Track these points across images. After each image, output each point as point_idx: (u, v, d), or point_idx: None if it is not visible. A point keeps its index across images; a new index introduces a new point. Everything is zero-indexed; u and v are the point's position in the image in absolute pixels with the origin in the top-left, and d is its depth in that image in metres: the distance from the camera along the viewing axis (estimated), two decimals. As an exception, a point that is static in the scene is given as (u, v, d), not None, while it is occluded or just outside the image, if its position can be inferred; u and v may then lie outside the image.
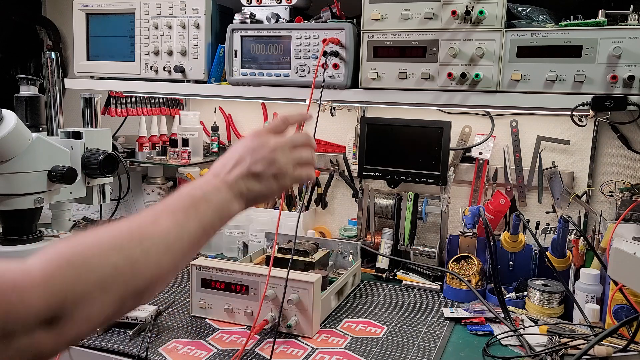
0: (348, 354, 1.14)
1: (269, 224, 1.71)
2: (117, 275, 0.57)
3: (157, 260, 0.62)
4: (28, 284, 0.51)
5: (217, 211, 0.72)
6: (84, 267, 0.55)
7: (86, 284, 0.55)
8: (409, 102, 1.33)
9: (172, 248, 0.65)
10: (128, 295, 0.59)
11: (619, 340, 1.15)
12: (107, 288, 0.56)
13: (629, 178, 1.52)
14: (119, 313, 0.60)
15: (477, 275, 1.45)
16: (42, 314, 0.51)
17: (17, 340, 0.50)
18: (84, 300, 0.54)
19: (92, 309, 0.55)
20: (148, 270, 0.61)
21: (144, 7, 1.58)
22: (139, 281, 0.60)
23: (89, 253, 0.57)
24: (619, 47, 1.13)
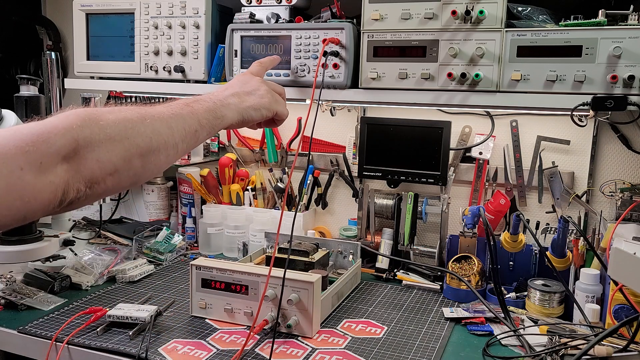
0: (348, 354, 1.14)
1: (269, 224, 1.71)
2: (121, 132, 0.72)
3: (155, 126, 0.77)
4: (49, 130, 0.65)
5: (210, 111, 0.89)
6: (95, 124, 0.69)
7: (95, 134, 0.69)
8: (409, 102, 1.33)
9: (170, 124, 0.80)
10: (132, 150, 0.73)
11: (619, 340, 1.15)
12: (113, 139, 0.71)
13: (629, 178, 1.52)
14: (129, 170, 0.73)
15: (477, 275, 1.45)
16: (62, 151, 0.65)
17: (49, 173, 0.63)
18: (92, 144, 0.68)
19: (100, 152, 0.69)
20: (147, 131, 0.75)
21: (144, 7, 1.58)
22: (139, 139, 0.74)
23: (99, 116, 0.71)
24: (619, 47, 1.13)
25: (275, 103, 1.09)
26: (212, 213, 1.79)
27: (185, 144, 0.83)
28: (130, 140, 0.72)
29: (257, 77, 1.12)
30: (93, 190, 0.69)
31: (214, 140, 1.94)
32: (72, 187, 0.66)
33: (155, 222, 1.96)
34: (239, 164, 1.97)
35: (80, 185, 0.67)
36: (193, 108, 0.86)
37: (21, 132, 0.63)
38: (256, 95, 1.04)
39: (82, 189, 0.67)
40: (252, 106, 1.00)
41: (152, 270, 1.59)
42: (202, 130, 0.86)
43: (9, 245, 1.35)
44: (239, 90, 1.02)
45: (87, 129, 0.68)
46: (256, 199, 1.88)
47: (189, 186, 1.89)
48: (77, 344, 1.16)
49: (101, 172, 0.69)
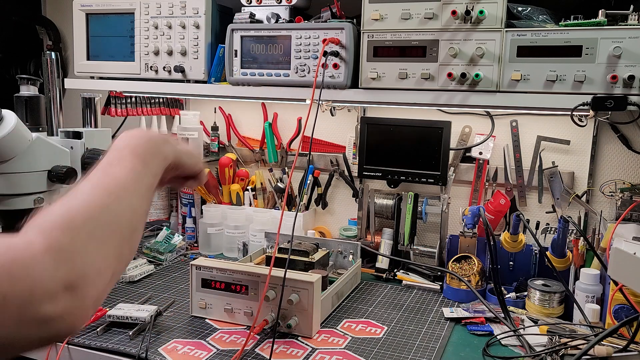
0: (348, 354, 1.14)
1: (269, 224, 1.71)
2: (103, 226, 0.61)
3: (129, 203, 0.67)
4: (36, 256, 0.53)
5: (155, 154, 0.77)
6: (74, 227, 0.58)
7: (82, 242, 0.58)
8: (409, 102, 1.33)
9: (136, 190, 0.69)
10: (120, 242, 0.63)
11: (619, 340, 1.15)
12: (101, 240, 0.60)
13: (629, 178, 1.52)
14: (121, 264, 0.64)
15: (477, 275, 1.45)
16: (60, 278, 0.53)
17: (44, 308, 0.52)
18: (89, 256, 0.57)
19: (99, 263, 0.59)
20: (126, 214, 0.66)
21: (144, 7, 1.58)
22: (123, 225, 0.64)
23: (72, 215, 0.60)
24: (619, 47, 1.13)
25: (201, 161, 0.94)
26: (212, 213, 1.79)
27: (149, 205, 0.74)
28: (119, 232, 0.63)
29: None
30: (96, 310, 0.60)
31: (214, 140, 1.94)
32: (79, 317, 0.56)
33: (155, 222, 1.96)
34: (239, 164, 1.97)
35: (88, 312, 0.57)
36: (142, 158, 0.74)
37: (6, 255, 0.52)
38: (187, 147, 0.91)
39: (90, 314, 0.58)
40: (187, 152, 0.87)
41: (152, 270, 1.59)
42: (155, 180, 0.76)
43: (9, 245, 1.35)
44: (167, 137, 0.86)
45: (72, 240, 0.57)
46: (256, 199, 1.88)
47: (189, 186, 1.88)
48: (77, 344, 1.16)
49: (104, 285, 0.59)
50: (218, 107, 1.96)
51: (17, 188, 1.27)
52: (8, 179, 1.25)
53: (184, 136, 1.82)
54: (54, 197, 1.39)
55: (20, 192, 1.28)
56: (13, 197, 1.28)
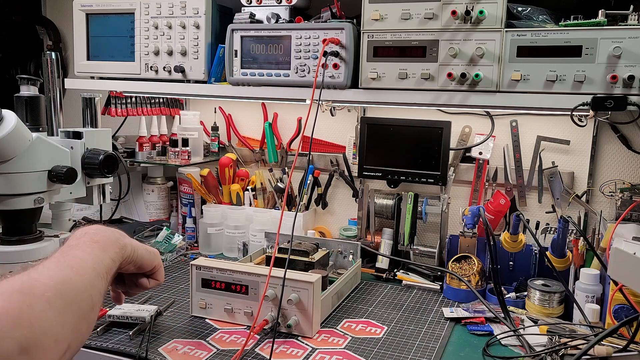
0: (348, 354, 1.14)
1: (269, 224, 1.71)
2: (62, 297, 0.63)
3: (90, 280, 0.69)
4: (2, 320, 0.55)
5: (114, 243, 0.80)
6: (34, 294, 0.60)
7: (41, 308, 0.59)
8: (409, 102, 1.33)
9: (96, 270, 0.72)
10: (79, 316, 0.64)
11: (619, 340, 1.15)
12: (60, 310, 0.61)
13: (629, 178, 1.52)
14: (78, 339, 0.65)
15: (477, 275, 1.45)
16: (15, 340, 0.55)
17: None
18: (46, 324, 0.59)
19: (56, 331, 0.60)
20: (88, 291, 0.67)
21: (144, 7, 1.58)
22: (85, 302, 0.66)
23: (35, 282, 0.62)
24: (619, 47, 1.13)
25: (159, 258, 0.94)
26: (212, 213, 1.79)
27: (107, 287, 0.75)
28: (77, 306, 0.64)
29: None
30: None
31: (214, 140, 1.95)
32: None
33: (156, 222, 1.96)
34: (239, 164, 1.97)
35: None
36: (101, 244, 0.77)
37: None
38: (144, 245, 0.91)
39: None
40: (144, 247, 0.88)
41: (152, 270, 1.59)
42: (114, 265, 0.78)
43: (9, 245, 1.35)
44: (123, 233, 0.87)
45: (36, 308, 0.58)
46: (256, 199, 1.88)
47: (189, 186, 1.89)
48: None
49: (59, 355, 0.60)
50: (218, 107, 1.96)
51: (17, 188, 1.27)
52: (8, 179, 1.25)
53: (184, 136, 1.82)
54: (54, 197, 1.39)
55: (20, 192, 1.28)
56: (13, 197, 1.28)
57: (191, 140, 1.84)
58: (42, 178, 1.31)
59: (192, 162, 1.86)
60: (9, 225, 1.37)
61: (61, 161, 1.34)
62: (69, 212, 1.69)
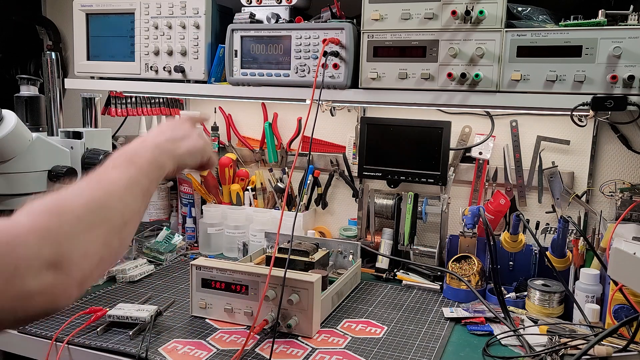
0: (348, 354, 1.14)
1: (269, 224, 1.71)
2: (92, 214, 0.66)
3: (120, 197, 0.72)
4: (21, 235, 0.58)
5: (153, 162, 0.84)
6: (64, 212, 0.63)
7: (69, 224, 0.62)
8: (409, 102, 1.33)
9: (133, 191, 0.75)
10: (110, 231, 0.68)
11: (619, 340, 1.15)
12: (89, 226, 0.65)
13: (629, 178, 1.52)
14: (110, 252, 0.68)
15: (477, 275, 1.45)
16: (44, 256, 0.58)
17: (28, 283, 0.56)
18: (74, 238, 0.62)
19: (86, 245, 0.63)
20: (118, 206, 0.71)
21: (144, 7, 1.58)
22: (113, 216, 0.69)
23: (61, 200, 0.65)
24: (619, 47, 1.13)
25: (208, 147, 1.03)
26: (212, 213, 1.79)
27: (144, 206, 0.79)
28: (108, 222, 0.68)
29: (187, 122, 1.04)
30: (82, 291, 0.63)
31: (214, 140, 1.94)
32: (63, 295, 0.60)
33: (155, 222, 1.96)
34: (239, 164, 1.97)
35: (72, 291, 0.61)
36: (138, 165, 0.80)
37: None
38: (190, 140, 0.97)
39: (74, 294, 0.61)
40: (187, 152, 0.94)
41: (152, 270, 1.59)
42: (152, 185, 0.81)
43: (9, 245, 1.35)
44: (172, 135, 0.94)
45: (61, 222, 0.61)
46: (256, 199, 1.88)
47: (189, 186, 1.89)
48: (77, 344, 1.16)
49: (90, 267, 0.63)
50: (218, 107, 1.96)
51: (17, 188, 1.27)
52: (8, 179, 1.25)
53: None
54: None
55: (20, 192, 1.28)
56: (13, 197, 1.28)
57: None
58: (42, 178, 1.31)
59: (192, 162, 1.85)
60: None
61: (61, 161, 1.34)
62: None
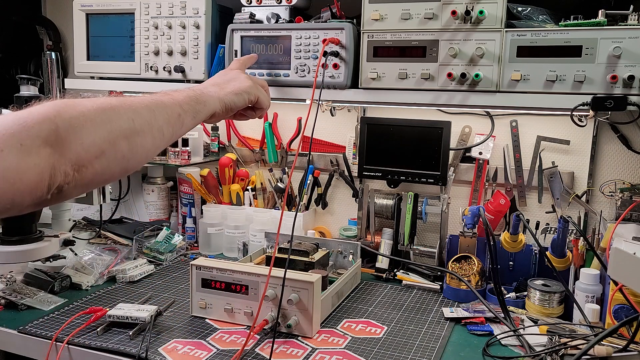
0: (348, 354, 1.14)
1: (269, 224, 1.71)
2: (101, 115, 0.72)
3: (135, 108, 0.78)
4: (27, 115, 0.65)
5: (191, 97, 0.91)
6: (73, 109, 0.70)
7: (75, 118, 0.69)
8: (409, 102, 1.33)
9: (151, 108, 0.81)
10: (115, 132, 0.73)
11: (619, 340, 1.15)
12: (95, 121, 0.71)
13: (629, 178, 1.52)
14: (115, 153, 0.74)
15: (477, 275, 1.45)
16: (42, 133, 0.65)
17: (32, 155, 0.63)
18: (74, 127, 0.68)
19: (83, 135, 0.69)
20: (128, 113, 0.76)
21: (144, 7, 1.58)
22: (123, 122, 0.75)
23: (76, 103, 0.71)
24: (619, 47, 1.13)
25: (256, 88, 1.09)
26: (212, 213, 1.79)
27: (170, 128, 0.84)
28: (112, 123, 0.73)
29: (235, 66, 1.16)
30: (82, 174, 0.69)
31: (214, 140, 1.95)
32: (58, 170, 0.66)
33: (156, 222, 1.96)
34: (239, 164, 1.97)
35: (67, 168, 0.67)
36: (173, 96, 0.88)
37: (3, 117, 0.65)
38: (237, 81, 1.05)
39: (69, 172, 0.67)
40: (233, 91, 1.01)
41: (152, 270, 1.59)
42: (186, 115, 0.87)
43: (9, 245, 1.35)
44: (218, 80, 1.04)
45: (65, 114, 0.68)
46: (256, 199, 1.88)
47: (189, 186, 1.89)
48: (77, 344, 1.16)
49: (87, 155, 0.69)
50: (218, 107, 1.96)
51: (17, 188, 1.27)
52: (8, 179, 1.25)
53: (183, 136, 1.82)
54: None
55: (20, 192, 1.28)
56: (13, 197, 1.28)
57: (191, 140, 1.84)
58: (42, 178, 1.31)
59: (192, 162, 1.86)
60: (9, 225, 1.37)
61: (61, 161, 1.34)
62: (69, 212, 1.69)
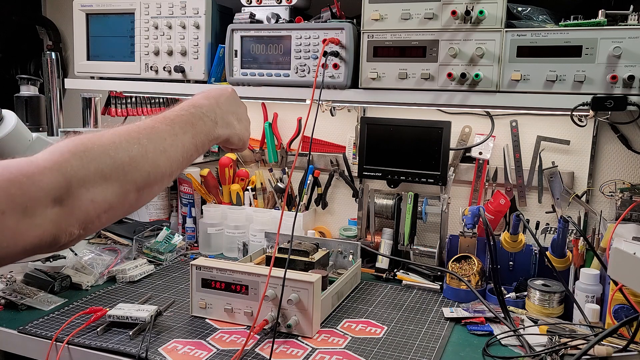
0: (348, 354, 1.14)
1: (269, 224, 1.71)
2: (116, 166, 0.66)
3: (154, 159, 0.70)
4: (35, 169, 0.59)
5: (209, 134, 0.82)
6: (86, 156, 0.63)
7: (87, 170, 0.63)
8: (409, 102, 1.33)
9: (168, 151, 0.73)
10: (128, 186, 0.67)
11: (619, 340, 1.15)
12: (107, 176, 0.65)
13: (629, 178, 1.52)
14: (124, 204, 0.68)
15: (477, 275, 1.45)
16: (52, 192, 0.59)
17: (36, 216, 0.58)
18: (87, 183, 0.62)
19: (95, 192, 0.63)
20: (145, 166, 0.69)
21: (144, 7, 1.58)
22: (137, 175, 0.68)
23: (90, 146, 0.64)
24: (619, 47, 1.13)
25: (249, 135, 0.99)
26: (212, 213, 1.79)
27: (180, 170, 0.77)
28: (127, 177, 0.67)
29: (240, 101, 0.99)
30: (87, 231, 0.64)
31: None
32: (64, 232, 0.61)
33: (155, 222, 1.96)
34: (239, 164, 1.97)
35: (73, 229, 0.62)
36: (196, 129, 0.79)
37: (8, 170, 0.58)
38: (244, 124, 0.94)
39: (75, 232, 0.62)
40: (238, 134, 0.91)
41: (152, 270, 1.59)
42: (197, 153, 0.80)
43: (9, 245, 1.35)
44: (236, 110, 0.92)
45: (79, 166, 0.62)
46: (256, 199, 1.88)
47: (189, 186, 1.89)
48: (77, 344, 1.16)
49: (96, 211, 0.64)
50: (218, 107, 1.96)
51: (17, 188, 1.27)
52: (8, 179, 1.25)
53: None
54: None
55: (20, 192, 1.28)
56: (13, 197, 1.28)
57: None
58: (42, 178, 1.31)
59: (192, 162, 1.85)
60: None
61: (61, 161, 1.34)
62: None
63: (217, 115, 0.85)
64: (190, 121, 0.79)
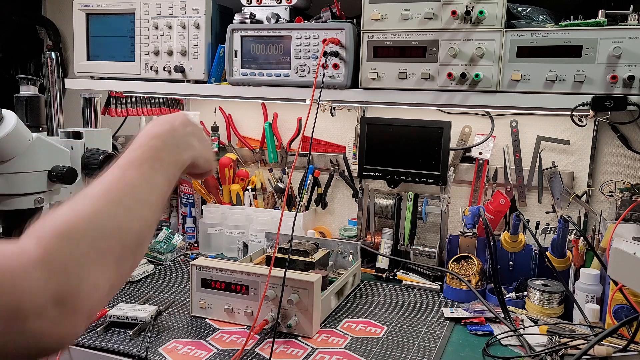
0: (348, 354, 1.14)
1: (269, 224, 1.71)
2: (108, 237, 0.58)
3: (140, 215, 0.64)
4: (27, 267, 0.50)
5: (177, 163, 0.76)
6: (75, 236, 0.55)
7: (81, 252, 0.54)
8: (409, 102, 1.33)
9: (149, 200, 0.66)
10: (123, 254, 0.60)
11: (619, 340, 1.15)
12: (102, 251, 0.57)
13: (629, 178, 1.52)
14: (121, 277, 0.61)
15: (477, 275, 1.45)
16: (50, 292, 0.51)
17: (31, 323, 0.49)
18: (85, 269, 0.54)
19: (96, 276, 0.55)
20: (135, 225, 0.62)
21: (144, 7, 1.58)
22: (129, 237, 0.61)
23: (75, 222, 0.56)
24: (619, 47, 1.13)
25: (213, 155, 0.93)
26: (212, 213, 1.79)
27: (161, 213, 0.70)
28: (122, 243, 0.60)
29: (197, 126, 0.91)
30: (90, 322, 0.56)
31: (214, 140, 1.94)
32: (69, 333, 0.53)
33: (155, 222, 1.95)
34: (239, 164, 1.97)
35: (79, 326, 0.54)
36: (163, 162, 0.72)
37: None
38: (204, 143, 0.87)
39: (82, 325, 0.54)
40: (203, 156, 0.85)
41: (152, 270, 1.59)
42: (170, 188, 0.73)
43: (9, 245, 1.35)
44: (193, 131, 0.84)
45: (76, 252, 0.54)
46: (256, 199, 1.88)
47: (189, 186, 1.89)
48: (77, 344, 1.16)
49: (100, 298, 0.56)
50: (218, 107, 1.96)
51: (17, 188, 1.27)
52: (8, 179, 1.25)
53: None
54: (54, 197, 1.39)
55: (20, 192, 1.28)
56: (13, 197, 1.28)
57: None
58: (42, 178, 1.31)
59: (192, 162, 1.85)
60: (9, 225, 1.37)
61: (61, 161, 1.34)
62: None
63: (177, 139, 0.78)
64: (155, 156, 0.71)
